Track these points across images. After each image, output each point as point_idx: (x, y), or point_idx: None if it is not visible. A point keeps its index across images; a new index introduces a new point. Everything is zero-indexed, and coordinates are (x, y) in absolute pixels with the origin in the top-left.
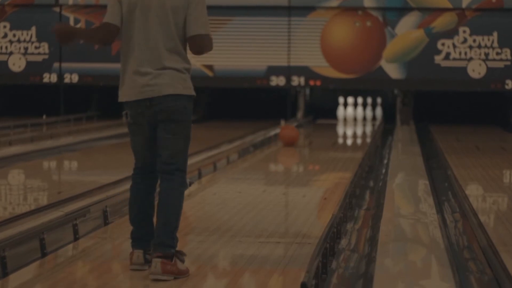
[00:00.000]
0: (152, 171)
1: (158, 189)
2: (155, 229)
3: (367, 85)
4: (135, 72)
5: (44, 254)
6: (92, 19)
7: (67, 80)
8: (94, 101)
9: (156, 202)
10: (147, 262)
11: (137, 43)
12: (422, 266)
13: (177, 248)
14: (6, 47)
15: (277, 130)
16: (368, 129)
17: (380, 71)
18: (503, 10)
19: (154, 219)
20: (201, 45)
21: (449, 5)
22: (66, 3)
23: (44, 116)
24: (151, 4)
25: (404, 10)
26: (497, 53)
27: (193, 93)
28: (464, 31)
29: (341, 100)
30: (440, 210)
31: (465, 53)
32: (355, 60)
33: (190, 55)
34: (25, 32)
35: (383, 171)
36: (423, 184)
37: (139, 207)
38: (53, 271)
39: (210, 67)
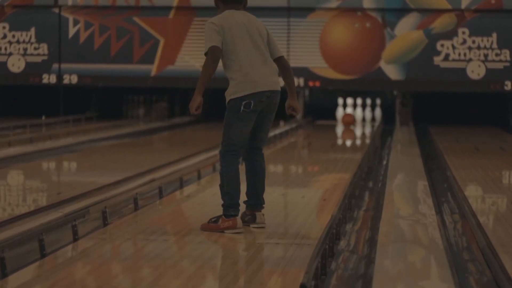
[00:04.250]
0: (241, 151)
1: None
2: (256, 192)
3: (366, 86)
4: (261, 73)
5: (43, 255)
6: (91, 20)
7: (66, 81)
8: (93, 102)
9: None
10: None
11: (255, 56)
12: (421, 267)
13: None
14: (6, 48)
15: (276, 131)
16: (368, 130)
17: (379, 72)
18: (503, 11)
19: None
20: (287, 62)
21: (448, 6)
22: (65, 4)
23: (43, 117)
24: (252, 32)
25: (403, 11)
26: (497, 54)
27: None
28: (464, 32)
29: (340, 101)
30: (439, 211)
31: (465, 54)
32: (355, 61)
33: (188, 55)
34: (24, 33)
35: (382, 172)
36: (422, 185)
37: (238, 180)
38: (53, 272)
39: None
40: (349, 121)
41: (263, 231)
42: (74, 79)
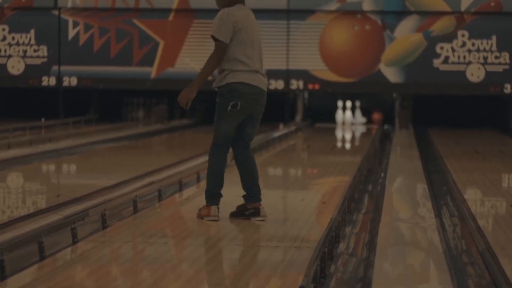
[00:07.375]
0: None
1: None
2: (251, 185)
3: (365, 88)
4: (258, 72)
5: (42, 258)
6: (91, 22)
7: (66, 83)
8: (93, 104)
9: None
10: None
11: (257, 54)
12: (420, 270)
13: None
14: (5, 50)
15: (275, 134)
16: (367, 132)
17: (378, 75)
18: (502, 14)
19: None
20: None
21: (448, 9)
22: (65, 6)
23: (43, 119)
24: (255, 31)
25: (403, 13)
26: (496, 57)
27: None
28: (463, 35)
29: (339, 103)
30: (438, 214)
31: (464, 57)
32: (354, 64)
33: (192, 57)
34: (24, 35)
35: (382, 175)
36: (421, 188)
37: (223, 172)
38: (52, 275)
39: None
40: (379, 118)
41: (262, 234)
42: (74, 81)
